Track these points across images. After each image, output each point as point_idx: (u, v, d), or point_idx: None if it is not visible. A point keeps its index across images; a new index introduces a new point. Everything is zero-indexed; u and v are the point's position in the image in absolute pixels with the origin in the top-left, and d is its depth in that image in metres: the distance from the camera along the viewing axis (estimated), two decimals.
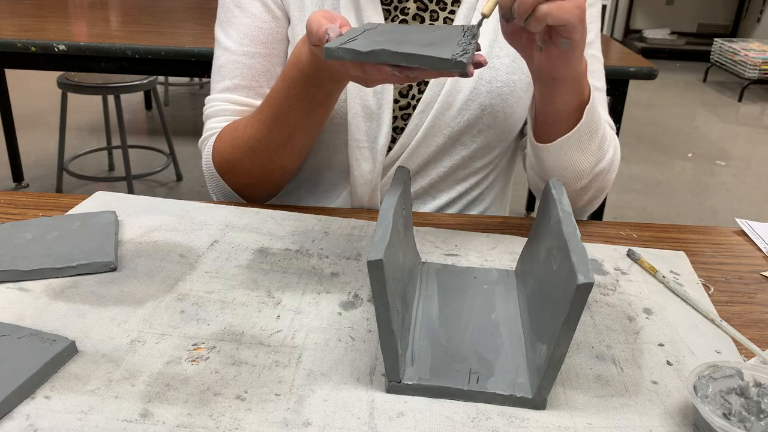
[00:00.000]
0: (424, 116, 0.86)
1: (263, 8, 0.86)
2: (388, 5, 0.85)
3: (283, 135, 0.79)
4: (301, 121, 0.78)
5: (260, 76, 0.87)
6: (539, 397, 0.52)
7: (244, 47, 0.86)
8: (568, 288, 0.48)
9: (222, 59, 0.88)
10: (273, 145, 0.81)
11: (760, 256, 0.79)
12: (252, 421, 0.50)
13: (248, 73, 0.87)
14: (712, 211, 2.98)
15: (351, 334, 0.60)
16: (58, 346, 0.54)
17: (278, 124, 0.78)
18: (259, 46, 0.86)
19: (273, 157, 0.82)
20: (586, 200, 0.85)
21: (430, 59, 0.55)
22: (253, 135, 0.81)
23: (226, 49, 0.87)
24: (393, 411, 0.51)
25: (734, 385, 0.50)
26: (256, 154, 0.82)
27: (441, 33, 0.63)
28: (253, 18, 0.86)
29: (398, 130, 0.88)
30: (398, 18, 0.85)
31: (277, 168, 0.84)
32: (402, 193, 0.60)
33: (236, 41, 0.87)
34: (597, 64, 0.89)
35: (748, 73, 4.76)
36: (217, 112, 0.89)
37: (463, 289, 0.66)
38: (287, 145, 0.81)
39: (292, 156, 0.83)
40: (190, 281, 0.67)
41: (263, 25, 0.86)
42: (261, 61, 0.87)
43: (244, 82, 0.87)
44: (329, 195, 0.94)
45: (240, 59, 0.87)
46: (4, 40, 1.80)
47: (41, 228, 0.73)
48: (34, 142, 3.32)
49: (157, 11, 2.37)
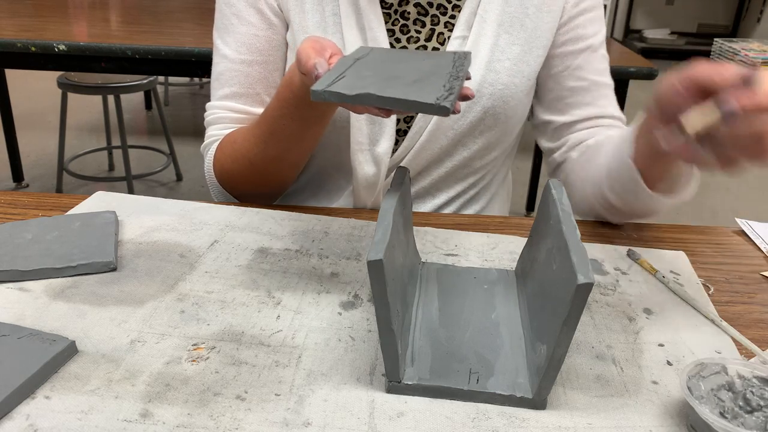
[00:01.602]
0: (428, 119, 0.86)
1: (259, 17, 0.86)
2: (389, 9, 0.85)
3: (278, 150, 0.80)
4: (295, 138, 0.78)
5: (257, 84, 0.88)
6: (539, 397, 0.52)
7: (242, 55, 0.87)
8: (568, 288, 0.48)
9: (220, 66, 0.89)
10: (269, 159, 0.81)
11: (760, 256, 0.79)
12: (252, 421, 0.50)
13: (246, 81, 0.88)
14: (712, 211, 2.98)
15: (351, 334, 0.60)
16: (58, 346, 0.54)
17: (273, 141, 0.79)
18: (256, 54, 0.87)
19: (270, 170, 0.83)
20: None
21: (414, 104, 0.55)
22: (249, 149, 0.82)
23: (224, 56, 0.88)
24: (393, 411, 0.51)
25: (722, 382, 0.51)
26: (254, 166, 0.83)
27: (431, 63, 0.63)
28: (250, 26, 0.86)
29: (401, 133, 0.88)
30: (399, 22, 0.85)
31: (275, 179, 0.86)
32: (402, 193, 0.60)
33: (234, 49, 0.87)
34: (606, 63, 0.91)
35: None
36: (217, 119, 0.90)
37: (463, 289, 0.66)
38: (282, 159, 0.82)
39: (289, 169, 0.85)
40: (190, 281, 0.67)
41: (260, 33, 0.86)
42: (258, 69, 0.87)
43: (242, 90, 0.88)
44: (333, 196, 0.94)
45: (237, 67, 0.87)
46: (4, 40, 1.80)
47: (41, 228, 0.73)
48: (34, 142, 3.32)
49: (157, 11, 2.37)
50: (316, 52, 0.63)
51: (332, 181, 0.94)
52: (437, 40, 0.86)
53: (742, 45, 5.00)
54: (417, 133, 0.87)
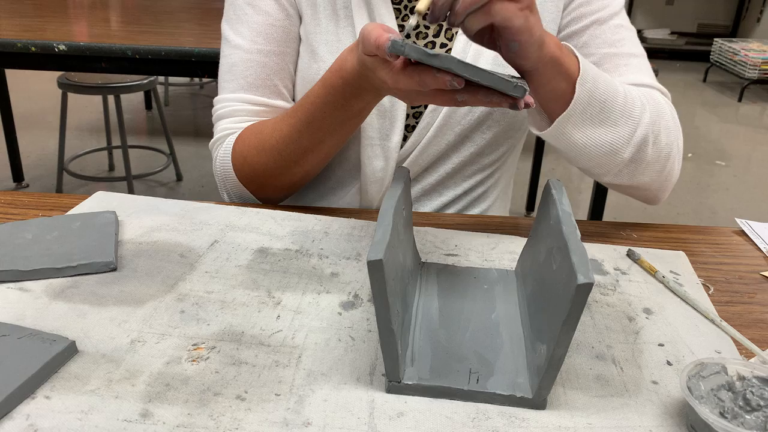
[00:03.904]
0: (436, 114, 0.86)
1: (276, 5, 0.85)
2: (398, 4, 0.85)
3: (313, 141, 0.79)
4: (334, 129, 0.77)
5: (275, 75, 0.87)
6: (539, 397, 0.52)
7: (258, 45, 0.85)
8: (568, 288, 0.48)
9: (233, 58, 0.87)
10: (301, 150, 0.80)
11: (760, 256, 0.79)
12: (252, 421, 0.50)
13: (263, 71, 0.86)
14: (712, 211, 2.98)
15: (351, 334, 0.60)
16: (58, 346, 0.54)
17: (310, 130, 0.78)
18: (273, 44, 0.86)
19: (299, 162, 0.82)
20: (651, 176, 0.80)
21: (492, 77, 0.55)
22: (281, 139, 0.80)
23: (238, 47, 0.86)
24: (393, 411, 0.51)
25: (722, 382, 0.51)
26: (282, 158, 0.81)
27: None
28: (267, 16, 0.85)
29: (409, 128, 0.88)
30: (408, 17, 0.85)
31: (301, 172, 0.84)
32: (402, 193, 0.60)
33: (249, 39, 0.85)
34: (624, 33, 0.85)
35: (748, 73, 4.75)
36: (232, 112, 0.87)
37: (463, 289, 0.66)
38: (315, 150, 0.80)
39: (318, 162, 0.83)
40: (190, 281, 0.67)
41: (277, 23, 0.86)
42: (275, 60, 0.86)
43: (259, 81, 0.86)
44: (337, 192, 0.94)
45: (254, 57, 0.86)
46: (4, 40, 1.79)
47: (41, 228, 0.73)
48: (34, 142, 3.32)
49: (157, 11, 2.37)
50: (385, 30, 0.62)
51: (336, 178, 0.93)
52: (445, 36, 0.86)
53: (742, 45, 5.00)
54: (425, 128, 0.87)
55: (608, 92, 0.73)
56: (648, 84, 0.83)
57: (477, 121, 0.87)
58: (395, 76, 0.62)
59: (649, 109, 0.77)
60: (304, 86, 0.88)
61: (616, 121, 0.74)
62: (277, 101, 0.87)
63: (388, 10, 0.84)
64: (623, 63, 0.84)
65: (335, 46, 0.85)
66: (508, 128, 0.90)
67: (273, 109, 0.87)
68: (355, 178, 0.92)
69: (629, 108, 0.75)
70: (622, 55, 0.84)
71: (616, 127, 0.74)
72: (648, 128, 0.76)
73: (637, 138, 0.75)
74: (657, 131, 0.77)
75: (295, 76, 0.90)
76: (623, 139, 0.75)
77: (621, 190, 0.85)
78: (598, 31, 0.84)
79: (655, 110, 0.78)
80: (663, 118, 0.79)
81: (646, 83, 0.83)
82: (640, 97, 0.77)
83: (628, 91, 0.76)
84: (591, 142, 0.74)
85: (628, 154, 0.76)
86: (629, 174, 0.78)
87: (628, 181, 0.80)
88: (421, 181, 0.92)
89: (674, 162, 0.82)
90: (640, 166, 0.78)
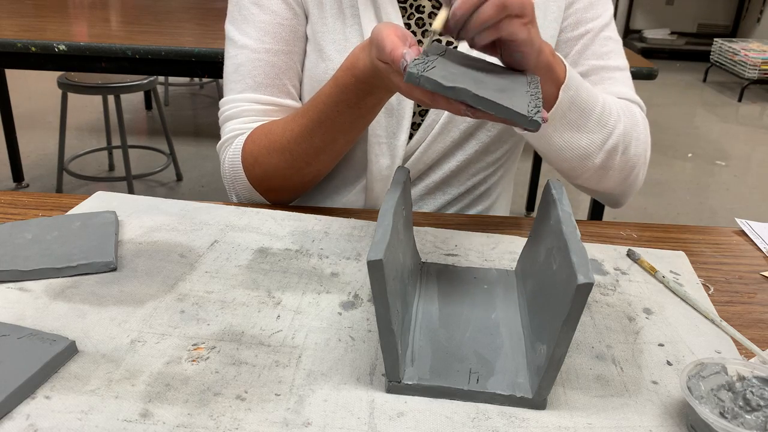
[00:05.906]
0: (441, 111, 0.86)
1: (283, 4, 0.85)
2: (404, 3, 0.85)
3: (325, 140, 0.79)
4: (346, 127, 0.77)
5: (283, 74, 0.86)
6: (539, 397, 0.52)
7: (265, 44, 0.85)
8: (568, 288, 0.48)
9: (240, 58, 0.86)
10: (313, 150, 0.80)
11: (760, 256, 0.79)
12: (252, 421, 0.50)
13: (271, 71, 0.86)
14: (711, 211, 2.98)
15: (351, 334, 0.60)
16: (58, 346, 0.54)
17: (322, 129, 0.78)
18: (281, 43, 0.86)
19: (311, 161, 0.81)
20: (615, 182, 0.84)
21: (507, 111, 0.55)
22: (292, 139, 0.80)
23: (244, 47, 0.86)
24: (393, 411, 0.51)
25: (722, 382, 0.51)
26: (294, 157, 0.81)
27: (507, 78, 0.64)
28: (274, 15, 0.85)
29: (415, 126, 0.88)
30: (414, 16, 0.86)
31: (312, 172, 0.84)
32: (402, 193, 0.60)
33: (256, 39, 0.85)
34: (612, 45, 0.89)
35: (748, 73, 4.76)
36: (240, 113, 0.87)
37: (463, 289, 0.66)
38: (327, 150, 0.80)
39: (329, 161, 0.83)
40: (190, 281, 0.67)
41: (284, 22, 0.85)
42: (284, 59, 0.86)
43: (268, 80, 0.86)
44: (341, 191, 0.94)
45: (261, 57, 0.85)
46: (4, 40, 1.79)
47: (41, 228, 0.73)
48: (34, 142, 3.32)
49: (157, 11, 2.37)
50: (400, 39, 0.62)
51: (342, 177, 0.93)
52: None
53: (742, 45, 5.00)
54: (430, 125, 0.87)
55: (589, 100, 0.77)
56: (628, 97, 0.88)
57: None
58: (409, 90, 0.63)
59: (623, 121, 0.82)
60: (311, 85, 0.88)
61: (592, 128, 0.79)
62: (287, 100, 0.87)
63: (395, 9, 0.84)
64: (608, 76, 0.89)
65: (343, 44, 0.85)
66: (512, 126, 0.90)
67: (282, 108, 0.87)
68: (361, 177, 0.92)
69: (605, 117, 0.79)
70: (608, 68, 0.89)
71: (591, 133, 0.79)
72: (620, 138, 0.81)
73: (608, 146, 0.80)
74: (628, 142, 0.82)
75: (302, 76, 0.90)
76: (596, 145, 0.80)
77: (587, 192, 0.90)
78: (590, 43, 0.88)
79: (630, 122, 0.83)
80: (636, 129, 0.84)
81: (626, 96, 0.88)
82: (617, 108, 0.82)
83: (607, 101, 0.81)
84: (567, 145, 0.79)
85: (599, 160, 0.81)
86: (597, 179, 0.84)
87: (594, 186, 0.86)
88: (426, 179, 0.92)
89: (639, 172, 0.87)
90: (608, 173, 0.83)
